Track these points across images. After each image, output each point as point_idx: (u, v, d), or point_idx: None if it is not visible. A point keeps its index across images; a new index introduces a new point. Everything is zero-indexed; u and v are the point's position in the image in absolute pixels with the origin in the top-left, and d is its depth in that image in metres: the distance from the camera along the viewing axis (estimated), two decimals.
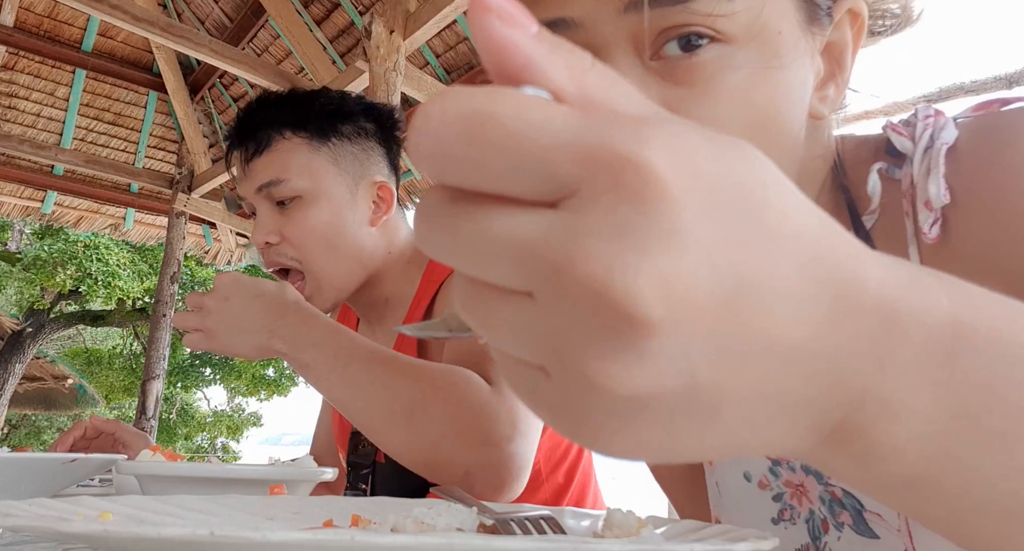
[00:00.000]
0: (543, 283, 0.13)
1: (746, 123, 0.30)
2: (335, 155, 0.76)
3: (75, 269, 7.23)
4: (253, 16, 3.31)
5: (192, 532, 0.19)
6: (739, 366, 0.13)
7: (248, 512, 0.35)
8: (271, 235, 0.74)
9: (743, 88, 0.30)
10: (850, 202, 0.35)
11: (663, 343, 0.12)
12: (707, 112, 0.30)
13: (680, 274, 0.12)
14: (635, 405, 0.13)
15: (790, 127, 0.31)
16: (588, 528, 0.35)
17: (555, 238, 0.13)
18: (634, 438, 0.14)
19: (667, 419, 0.13)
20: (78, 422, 0.85)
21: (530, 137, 0.13)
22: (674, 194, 0.12)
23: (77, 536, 0.21)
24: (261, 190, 0.74)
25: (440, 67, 2.95)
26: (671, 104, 0.30)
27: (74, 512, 0.28)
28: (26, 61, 3.60)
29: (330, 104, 0.78)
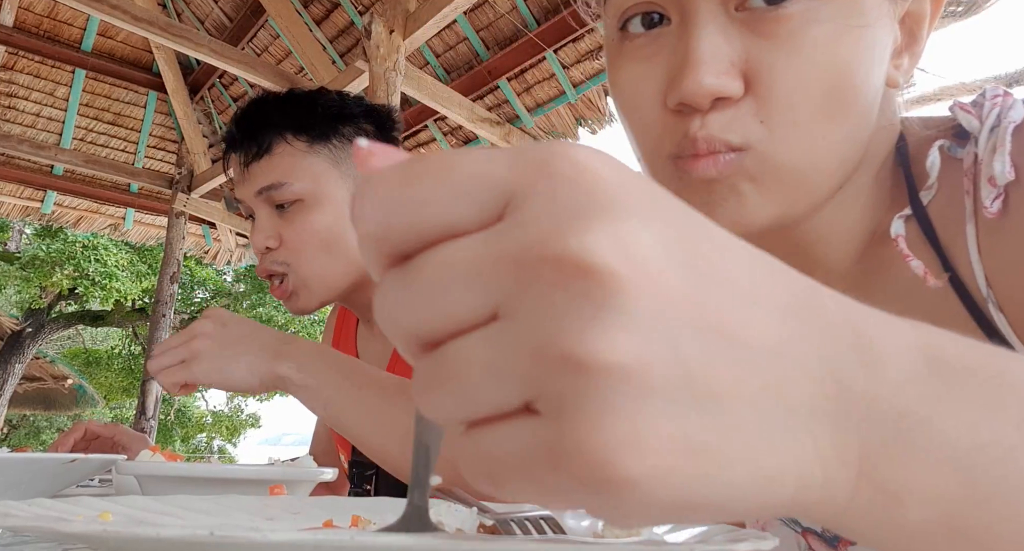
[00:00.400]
0: (507, 284, 0.13)
1: (826, 79, 0.30)
2: (336, 157, 0.76)
3: (72, 269, 7.23)
4: (253, 16, 3.31)
5: (192, 532, 0.19)
6: (727, 360, 0.13)
7: (248, 512, 0.35)
8: (271, 239, 0.74)
9: (826, 43, 0.29)
10: (909, 179, 0.35)
11: (635, 304, 0.12)
12: (789, 65, 0.29)
13: (633, 235, 0.12)
14: (632, 386, 0.12)
15: (867, 89, 0.31)
16: (588, 528, 0.35)
17: (508, 237, 0.13)
18: (645, 437, 0.12)
19: (672, 408, 0.12)
20: (77, 424, 0.84)
21: (463, 161, 0.14)
22: (606, 173, 0.13)
23: (77, 536, 0.21)
24: (261, 193, 0.74)
25: (440, 67, 2.95)
26: (753, 56, 0.30)
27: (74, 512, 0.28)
28: (26, 61, 3.60)
29: (331, 106, 0.77)
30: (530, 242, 0.12)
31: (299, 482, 0.52)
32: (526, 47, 2.64)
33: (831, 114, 0.30)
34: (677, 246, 0.13)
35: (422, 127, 3.23)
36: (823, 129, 0.30)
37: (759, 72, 0.30)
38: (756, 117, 0.30)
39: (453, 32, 2.79)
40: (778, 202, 0.32)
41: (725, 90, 0.30)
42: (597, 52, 2.58)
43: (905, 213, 0.34)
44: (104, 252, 7.41)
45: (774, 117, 0.30)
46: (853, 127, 0.31)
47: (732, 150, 0.31)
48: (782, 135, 0.30)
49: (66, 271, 7.20)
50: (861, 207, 0.36)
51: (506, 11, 2.62)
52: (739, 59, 0.30)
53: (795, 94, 0.30)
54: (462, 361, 0.13)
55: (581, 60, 2.62)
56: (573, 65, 2.64)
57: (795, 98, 0.30)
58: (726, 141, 0.31)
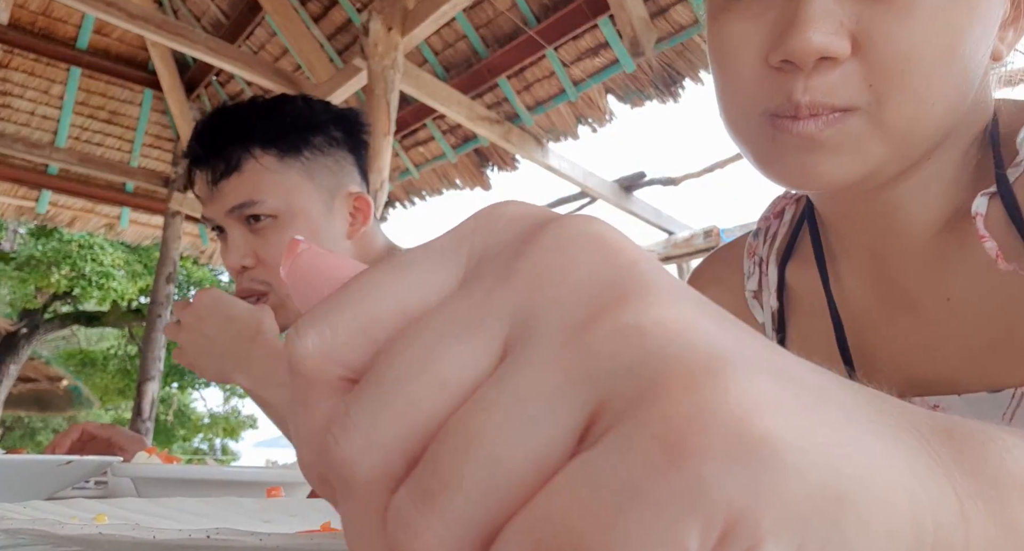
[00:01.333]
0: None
1: (938, 46, 0.29)
2: (309, 169, 0.73)
3: (69, 269, 7.20)
4: (249, 13, 3.29)
5: (188, 535, 0.19)
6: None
7: (245, 515, 0.35)
8: (246, 258, 0.71)
9: (941, 8, 0.29)
10: (998, 158, 0.35)
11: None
12: (902, 29, 0.29)
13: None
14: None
15: (975, 58, 0.31)
16: None
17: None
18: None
19: None
20: (73, 425, 0.84)
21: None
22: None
23: (72, 539, 0.20)
24: (233, 212, 0.71)
25: (439, 65, 2.94)
26: (866, 18, 0.30)
27: (69, 515, 0.28)
28: (20, 59, 3.58)
29: (299, 115, 0.74)
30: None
31: (296, 484, 0.52)
32: (526, 45, 2.63)
33: (941, 81, 0.30)
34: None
35: (421, 126, 3.22)
36: (932, 95, 0.30)
37: (871, 35, 0.29)
38: (864, 80, 0.30)
39: (452, 30, 2.79)
40: (873, 163, 0.32)
41: (832, 48, 0.29)
42: (597, 50, 2.58)
43: (990, 191, 0.34)
44: (100, 252, 7.39)
45: (884, 81, 0.30)
46: (957, 96, 0.31)
47: (834, 111, 0.31)
48: (892, 100, 0.30)
49: (63, 271, 7.17)
50: (947, 181, 0.36)
51: (505, 8, 2.61)
52: (849, 20, 0.30)
53: (907, 59, 0.29)
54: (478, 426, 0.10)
55: (581, 58, 2.61)
56: (573, 63, 2.64)
57: (907, 63, 0.29)
58: (831, 104, 0.30)
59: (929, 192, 0.36)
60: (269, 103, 0.76)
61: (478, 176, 3.27)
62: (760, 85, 0.32)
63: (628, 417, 0.09)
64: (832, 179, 0.32)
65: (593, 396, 0.09)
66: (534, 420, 0.09)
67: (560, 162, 2.99)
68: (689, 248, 3.07)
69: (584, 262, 0.10)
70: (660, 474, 0.09)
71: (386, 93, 2.17)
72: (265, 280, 0.72)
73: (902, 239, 0.37)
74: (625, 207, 3.25)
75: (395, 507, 0.10)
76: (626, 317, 0.10)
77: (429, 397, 0.10)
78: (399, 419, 0.10)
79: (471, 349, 0.10)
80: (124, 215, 4.30)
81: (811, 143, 0.31)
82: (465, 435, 0.10)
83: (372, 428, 0.10)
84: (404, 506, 0.10)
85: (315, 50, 3.02)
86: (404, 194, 3.63)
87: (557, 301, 0.10)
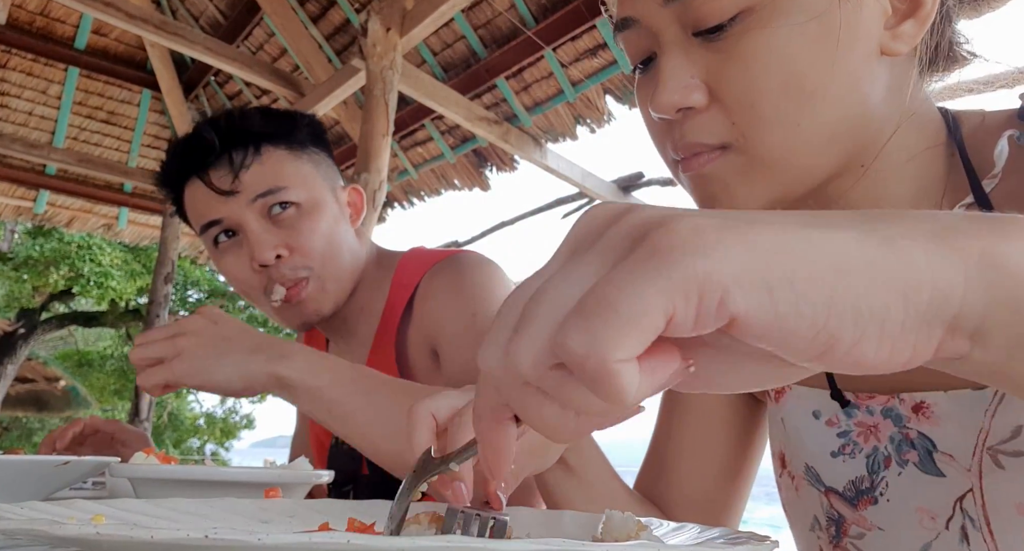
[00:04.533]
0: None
1: (780, 77, 0.33)
2: (314, 161, 0.75)
3: (68, 269, 7.18)
4: (248, 13, 3.29)
5: (187, 536, 0.19)
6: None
7: (243, 515, 0.35)
8: (279, 248, 0.70)
9: (775, 46, 0.33)
10: (969, 168, 0.37)
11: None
12: (743, 73, 0.33)
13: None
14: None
15: (839, 71, 0.33)
16: (587, 531, 0.34)
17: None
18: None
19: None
20: (76, 420, 0.83)
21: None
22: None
23: (70, 540, 0.20)
24: (256, 200, 0.70)
25: (437, 65, 2.94)
26: (712, 70, 0.34)
27: (67, 515, 0.28)
28: (18, 59, 3.57)
29: (286, 117, 0.77)
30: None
31: (295, 485, 0.52)
32: (524, 45, 2.64)
33: (799, 103, 0.33)
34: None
35: (419, 126, 3.22)
36: (794, 118, 0.33)
37: (718, 83, 0.34)
38: (727, 120, 0.35)
39: (451, 30, 2.79)
40: (769, 188, 0.35)
41: (684, 102, 0.35)
42: (595, 50, 2.58)
43: (967, 201, 0.36)
44: (99, 251, 7.37)
45: (741, 118, 0.34)
46: (834, 108, 0.34)
47: (712, 150, 0.35)
48: (754, 131, 0.34)
49: (61, 271, 7.15)
50: (909, 190, 0.37)
51: (504, 9, 2.62)
52: (701, 74, 0.35)
53: (752, 95, 0.33)
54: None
55: (579, 59, 2.62)
56: (571, 64, 2.64)
57: (753, 98, 0.33)
58: (702, 143, 0.35)
59: (888, 201, 0.38)
60: (259, 110, 0.78)
61: (477, 177, 3.27)
62: (662, 137, 0.39)
63: (632, 250, 0.17)
64: (741, 205, 0.36)
65: (612, 257, 0.17)
66: (577, 278, 0.17)
67: (559, 162, 2.99)
68: None
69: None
70: (644, 260, 0.16)
71: (385, 93, 2.17)
72: (307, 265, 0.72)
73: None
74: None
75: (509, 346, 0.18)
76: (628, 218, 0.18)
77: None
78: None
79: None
80: (122, 215, 4.29)
81: (704, 179, 0.36)
82: (536, 295, 0.18)
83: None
84: (511, 340, 0.18)
85: (313, 50, 3.01)
86: (403, 194, 3.63)
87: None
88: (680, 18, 0.34)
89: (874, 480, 0.40)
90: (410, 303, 0.75)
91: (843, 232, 0.17)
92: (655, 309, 0.15)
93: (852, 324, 0.16)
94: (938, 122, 0.38)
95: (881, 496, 0.39)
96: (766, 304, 0.16)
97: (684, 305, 0.16)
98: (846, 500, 0.41)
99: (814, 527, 0.43)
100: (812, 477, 0.43)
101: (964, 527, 0.36)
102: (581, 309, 0.16)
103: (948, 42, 0.37)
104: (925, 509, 0.37)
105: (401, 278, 0.77)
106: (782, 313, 0.16)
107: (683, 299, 0.15)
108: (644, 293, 0.15)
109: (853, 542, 0.41)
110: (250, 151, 0.72)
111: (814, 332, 0.16)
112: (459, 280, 0.72)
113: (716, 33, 0.33)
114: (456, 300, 0.71)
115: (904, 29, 0.34)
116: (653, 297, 0.15)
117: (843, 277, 0.16)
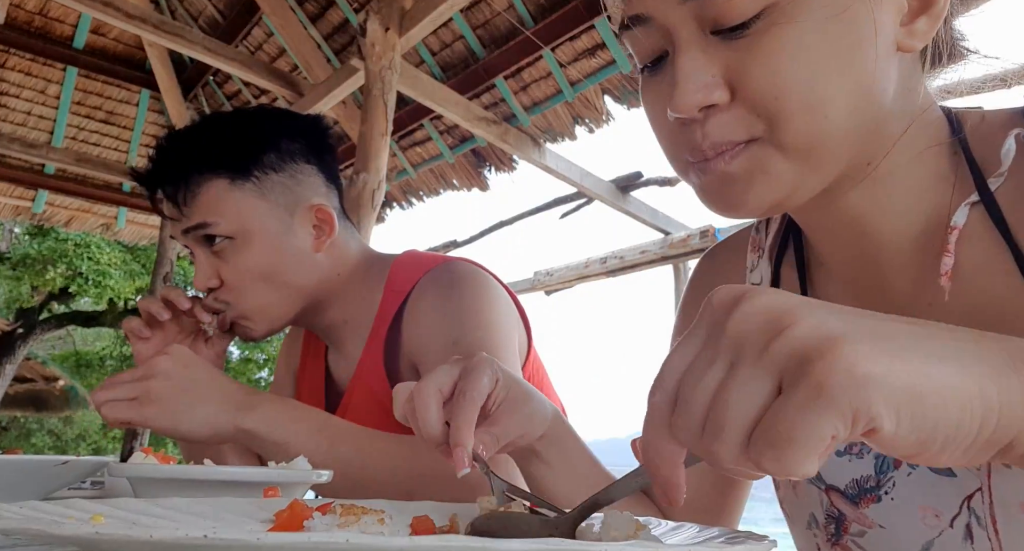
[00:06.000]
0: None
1: (804, 71, 0.32)
2: (261, 189, 0.72)
3: (66, 268, 7.17)
4: (247, 13, 3.29)
5: (186, 535, 0.19)
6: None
7: (242, 515, 0.35)
8: (211, 279, 0.72)
9: (798, 42, 0.32)
10: (973, 166, 0.37)
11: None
12: (766, 69, 0.33)
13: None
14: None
15: (859, 66, 0.33)
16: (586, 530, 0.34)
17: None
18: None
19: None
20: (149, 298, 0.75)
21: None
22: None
23: (69, 539, 0.20)
24: (188, 233, 0.72)
25: (436, 65, 2.94)
26: (733, 67, 0.33)
27: (65, 515, 0.28)
28: (17, 58, 3.57)
29: (245, 134, 0.73)
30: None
31: (293, 484, 0.52)
32: (523, 45, 2.64)
33: (824, 96, 0.33)
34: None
35: (418, 126, 3.22)
36: (820, 109, 0.33)
37: (740, 79, 0.34)
38: (752, 113, 0.34)
39: (449, 30, 2.79)
40: (788, 182, 0.35)
41: (706, 100, 0.34)
42: (594, 50, 2.58)
43: (972, 199, 0.36)
44: (97, 250, 7.36)
45: (766, 111, 0.34)
46: (855, 101, 0.34)
47: (739, 144, 0.34)
48: (781, 122, 0.33)
49: (59, 270, 7.14)
50: (912, 188, 0.38)
51: (503, 9, 2.62)
52: (721, 71, 0.34)
53: (777, 89, 0.33)
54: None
55: (578, 58, 2.62)
56: (570, 63, 2.64)
57: (778, 92, 0.33)
58: (730, 140, 0.35)
59: (892, 199, 0.38)
60: (219, 123, 0.75)
61: (475, 177, 3.27)
62: (675, 138, 0.37)
63: (798, 378, 0.21)
64: (755, 205, 0.36)
65: (777, 373, 0.22)
66: (753, 391, 0.22)
67: (557, 162, 2.99)
68: (686, 248, 3.08)
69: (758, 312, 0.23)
70: (814, 397, 0.21)
71: (383, 93, 2.17)
72: (224, 300, 0.73)
73: (877, 246, 0.39)
74: (622, 207, 3.26)
75: (704, 443, 0.23)
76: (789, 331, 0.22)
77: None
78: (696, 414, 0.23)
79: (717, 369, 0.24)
80: (121, 215, 4.29)
81: (725, 177, 0.35)
82: (718, 402, 0.23)
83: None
84: (703, 439, 0.23)
85: (312, 50, 3.01)
86: (402, 195, 3.63)
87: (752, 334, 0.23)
88: (697, 16, 0.34)
89: (880, 479, 0.40)
90: (402, 308, 0.75)
91: (958, 367, 0.22)
92: (826, 436, 0.20)
93: (942, 443, 0.21)
94: (941, 120, 0.38)
95: (886, 494, 0.39)
96: (895, 422, 0.21)
97: (844, 429, 0.20)
98: (847, 498, 0.41)
99: (811, 525, 0.44)
100: (814, 477, 0.43)
101: (969, 525, 0.36)
102: (769, 438, 0.21)
103: (949, 38, 0.37)
104: (929, 507, 0.37)
105: (393, 285, 0.76)
106: (903, 430, 0.21)
107: (844, 426, 0.20)
108: (818, 425, 0.20)
109: (854, 539, 0.41)
110: (184, 185, 0.71)
111: (918, 445, 0.21)
112: (446, 302, 0.71)
113: (738, 31, 0.33)
114: (440, 324, 0.70)
115: (918, 25, 0.34)
116: (825, 429, 0.20)
117: (945, 409, 0.21)
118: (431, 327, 0.71)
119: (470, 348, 0.64)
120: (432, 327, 0.71)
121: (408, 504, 0.39)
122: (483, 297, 0.71)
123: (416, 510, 0.36)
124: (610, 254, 3.34)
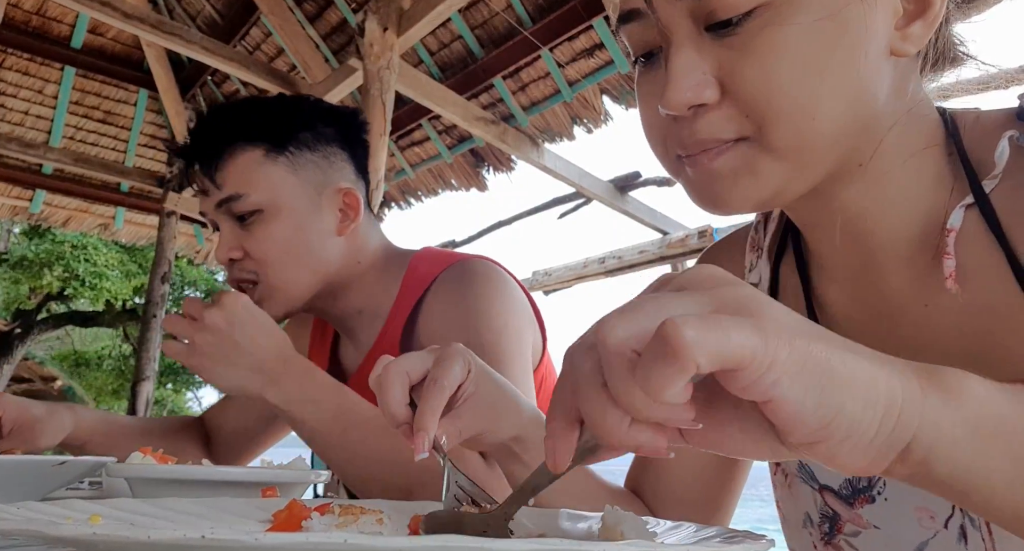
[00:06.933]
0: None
1: (795, 73, 0.32)
2: (294, 164, 0.74)
3: (62, 270, 7.16)
4: (245, 13, 3.28)
5: (184, 535, 0.19)
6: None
7: (240, 515, 0.35)
8: (234, 251, 0.73)
9: (791, 43, 0.32)
10: (968, 168, 0.37)
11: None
12: (758, 69, 0.33)
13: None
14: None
15: (852, 69, 0.33)
16: (585, 529, 0.35)
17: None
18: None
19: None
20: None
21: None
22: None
23: (66, 540, 0.20)
24: (220, 206, 0.73)
25: (434, 65, 2.94)
26: (725, 65, 0.34)
27: (63, 515, 0.28)
28: (14, 58, 3.56)
29: (284, 111, 0.76)
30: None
31: (292, 485, 0.52)
32: (521, 45, 2.64)
33: (814, 98, 0.33)
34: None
35: (416, 126, 3.22)
36: (810, 111, 0.33)
37: (732, 79, 0.34)
38: (741, 113, 0.34)
39: (448, 30, 2.79)
40: (774, 181, 0.35)
41: (697, 99, 0.34)
42: (592, 50, 2.58)
43: (967, 202, 0.36)
44: (94, 251, 7.34)
45: (756, 111, 0.34)
46: (846, 104, 0.34)
47: (726, 142, 0.35)
48: (770, 123, 0.34)
49: (55, 272, 7.13)
50: (906, 189, 0.38)
51: (501, 9, 2.62)
52: (713, 69, 0.34)
53: (767, 90, 0.33)
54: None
55: (576, 58, 2.62)
56: (568, 63, 2.64)
57: (768, 93, 0.33)
58: (717, 138, 0.35)
59: (888, 200, 0.38)
60: (260, 101, 0.78)
61: (474, 177, 3.27)
62: (665, 134, 0.38)
63: (741, 313, 0.22)
64: (741, 202, 0.36)
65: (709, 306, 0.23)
66: (682, 303, 0.23)
67: (555, 162, 2.99)
68: (684, 248, 3.08)
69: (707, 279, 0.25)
70: (757, 325, 0.22)
71: (382, 93, 2.17)
72: (254, 271, 0.73)
73: (874, 246, 0.39)
74: (620, 207, 3.26)
75: (607, 319, 0.23)
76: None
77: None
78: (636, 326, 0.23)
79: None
80: (119, 215, 4.28)
81: (711, 173, 0.36)
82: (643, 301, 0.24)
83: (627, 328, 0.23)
84: (608, 317, 0.23)
85: (311, 50, 3.01)
86: (400, 195, 3.63)
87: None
88: (693, 12, 0.34)
89: (872, 480, 0.40)
90: (419, 303, 0.75)
91: (869, 362, 0.23)
92: (746, 348, 0.21)
93: (847, 429, 0.22)
94: (936, 122, 0.38)
95: (879, 495, 0.39)
96: (803, 391, 0.21)
97: (755, 366, 0.21)
98: (841, 498, 0.41)
99: (806, 524, 0.44)
100: (806, 474, 0.43)
101: (963, 526, 0.36)
102: (703, 318, 0.21)
103: (947, 43, 0.37)
104: (924, 508, 0.37)
105: (411, 279, 0.76)
106: (810, 403, 0.21)
107: (759, 362, 0.21)
108: (748, 335, 0.21)
109: (848, 539, 0.41)
110: (218, 156, 0.72)
111: (821, 427, 0.22)
112: (461, 300, 0.71)
113: (730, 28, 0.33)
114: (454, 323, 0.70)
115: (913, 30, 0.34)
116: (750, 340, 0.21)
117: (852, 390, 0.22)
118: (445, 325, 0.72)
119: (482, 350, 0.64)
120: (446, 325, 0.72)
121: (407, 504, 0.39)
122: (498, 298, 0.72)
123: (415, 510, 0.36)
124: (608, 254, 3.34)
